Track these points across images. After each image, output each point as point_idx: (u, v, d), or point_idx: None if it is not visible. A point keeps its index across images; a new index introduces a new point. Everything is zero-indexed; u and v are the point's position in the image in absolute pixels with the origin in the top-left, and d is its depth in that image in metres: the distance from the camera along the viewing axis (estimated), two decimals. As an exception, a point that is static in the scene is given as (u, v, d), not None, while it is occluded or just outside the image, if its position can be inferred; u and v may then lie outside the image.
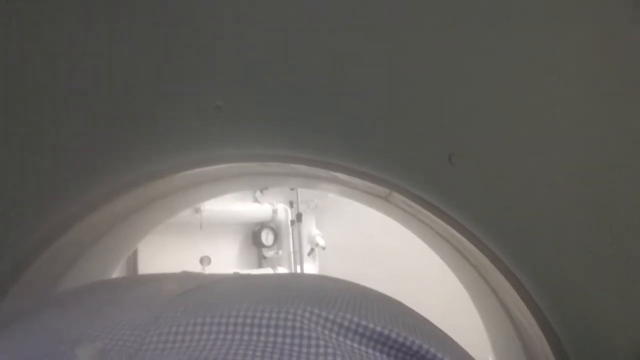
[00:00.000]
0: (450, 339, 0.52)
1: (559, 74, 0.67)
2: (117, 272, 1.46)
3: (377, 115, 0.77)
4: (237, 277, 0.61)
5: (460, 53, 0.67)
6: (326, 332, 0.41)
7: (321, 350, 0.39)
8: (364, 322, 0.43)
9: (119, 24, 0.66)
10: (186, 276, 0.64)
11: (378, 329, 0.43)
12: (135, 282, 0.67)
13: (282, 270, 3.07)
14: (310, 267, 3.15)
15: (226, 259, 3.06)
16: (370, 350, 0.42)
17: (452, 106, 0.73)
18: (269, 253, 3.18)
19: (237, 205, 3.00)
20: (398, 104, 0.75)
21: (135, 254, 2.37)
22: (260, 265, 3.22)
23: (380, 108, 0.76)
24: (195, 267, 2.50)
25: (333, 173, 0.90)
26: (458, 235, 0.85)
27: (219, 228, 2.96)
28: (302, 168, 0.93)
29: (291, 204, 3.16)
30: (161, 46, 0.69)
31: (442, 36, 0.66)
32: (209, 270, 2.45)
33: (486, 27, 0.65)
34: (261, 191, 3.08)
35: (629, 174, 0.69)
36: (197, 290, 0.53)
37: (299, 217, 3.10)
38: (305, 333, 0.41)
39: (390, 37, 0.67)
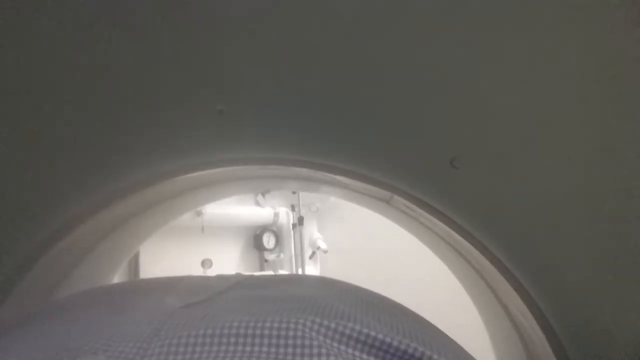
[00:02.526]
0: (455, 343, 0.52)
1: (560, 78, 0.67)
2: (118, 275, 1.47)
3: (379, 118, 0.77)
4: (239, 287, 0.61)
5: (462, 57, 0.67)
6: (328, 341, 0.42)
7: (323, 359, 0.39)
8: (365, 330, 0.43)
9: (122, 26, 0.66)
10: (189, 284, 0.64)
11: (380, 336, 0.43)
12: (138, 289, 0.67)
13: (283, 273, 3.07)
14: (312, 270, 3.15)
15: (228, 262, 3.06)
16: (372, 358, 0.42)
17: (454, 110, 0.73)
18: (270, 256, 3.18)
19: (238, 209, 3.00)
20: (400, 107, 0.75)
21: (136, 257, 2.37)
22: (262, 269, 3.21)
23: (382, 111, 0.76)
24: (196, 270, 2.50)
25: (335, 176, 0.90)
26: (459, 237, 0.85)
27: (221, 231, 2.96)
28: (304, 171, 0.93)
29: (293, 208, 3.16)
30: (163, 49, 0.70)
31: (443, 39, 0.66)
32: (210, 273, 2.45)
33: (487, 32, 0.65)
34: (263, 194, 3.08)
35: (632, 176, 0.70)
36: (199, 303, 0.53)
37: (300, 221, 3.10)
38: (307, 342, 0.41)
39: (391, 41, 0.67)
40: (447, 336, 0.53)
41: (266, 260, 3.20)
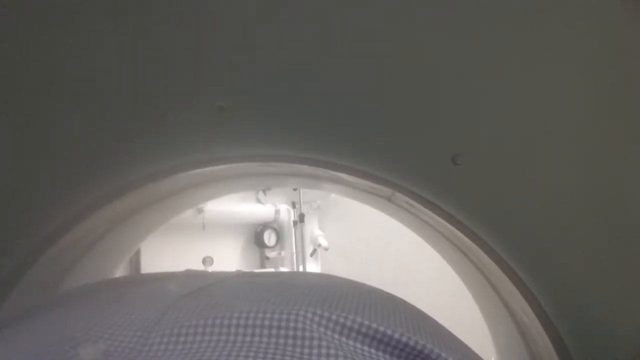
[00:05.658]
0: (455, 337, 0.52)
1: (564, 75, 0.67)
2: (119, 272, 1.47)
3: (380, 115, 0.77)
4: (239, 276, 0.62)
5: (464, 53, 0.67)
6: (328, 333, 0.42)
7: (323, 351, 0.39)
8: (366, 322, 0.43)
9: (122, 23, 0.66)
10: (189, 275, 0.64)
11: (381, 329, 0.43)
12: (139, 281, 0.68)
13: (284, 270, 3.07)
14: (313, 268, 3.15)
15: (229, 260, 3.06)
16: (373, 351, 0.42)
17: (456, 107, 0.73)
18: (271, 254, 3.18)
19: (239, 206, 3.00)
20: (402, 104, 0.75)
21: (137, 254, 2.38)
22: (262, 266, 3.21)
23: (384, 108, 0.76)
24: (197, 268, 2.50)
25: (336, 173, 0.90)
26: (461, 235, 0.85)
27: (222, 228, 2.96)
28: (305, 168, 0.93)
29: (294, 205, 3.16)
30: (163, 46, 0.69)
31: (445, 36, 0.66)
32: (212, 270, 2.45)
33: (490, 29, 0.64)
34: (264, 192, 3.07)
35: (634, 175, 0.69)
36: (199, 291, 0.53)
37: (301, 218, 3.09)
38: (307, 334, 0.41)
39: (393, 38, 0.67)
40: (447, 331, 0.53)
41: (267, 258, 3.19)
